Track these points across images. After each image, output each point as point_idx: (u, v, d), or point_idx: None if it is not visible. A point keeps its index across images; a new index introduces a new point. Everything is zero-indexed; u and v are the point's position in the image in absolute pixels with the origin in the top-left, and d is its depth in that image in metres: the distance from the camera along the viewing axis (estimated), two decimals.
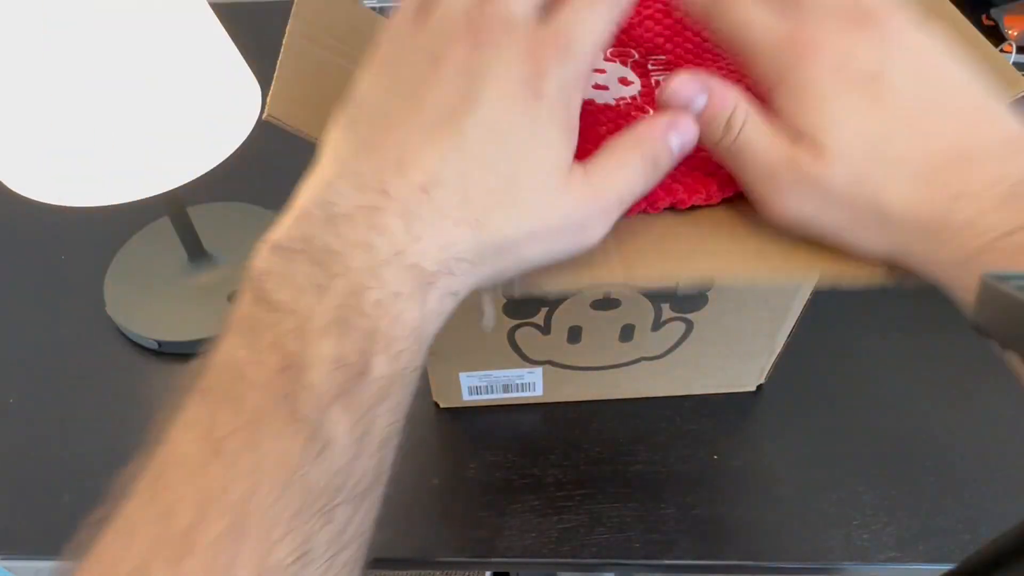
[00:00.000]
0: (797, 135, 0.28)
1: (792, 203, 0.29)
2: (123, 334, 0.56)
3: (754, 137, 0.29)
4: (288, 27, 0.37)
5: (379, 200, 0.25)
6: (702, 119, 0.29)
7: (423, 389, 0.50)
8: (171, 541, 0.22)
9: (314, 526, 0.22)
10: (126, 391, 0.53)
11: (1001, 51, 0.75)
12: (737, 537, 0.45)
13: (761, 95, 0.30)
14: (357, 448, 0.23)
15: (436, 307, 0.25)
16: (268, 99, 0.33)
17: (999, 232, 0.25)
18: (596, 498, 0.47)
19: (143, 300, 0.56)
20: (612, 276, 0.32)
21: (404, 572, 0.56)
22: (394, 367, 0.24)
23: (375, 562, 0.28)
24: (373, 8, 0.82)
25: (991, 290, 0.15)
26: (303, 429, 0.22)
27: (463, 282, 0.26)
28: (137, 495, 0.23)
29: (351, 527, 0.24)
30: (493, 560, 0.45)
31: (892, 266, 0.29)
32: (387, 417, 0.24)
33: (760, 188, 0.29)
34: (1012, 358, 0.27)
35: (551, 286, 0.32)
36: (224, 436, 0.22)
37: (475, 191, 0.26)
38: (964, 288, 0.27)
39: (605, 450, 0.49)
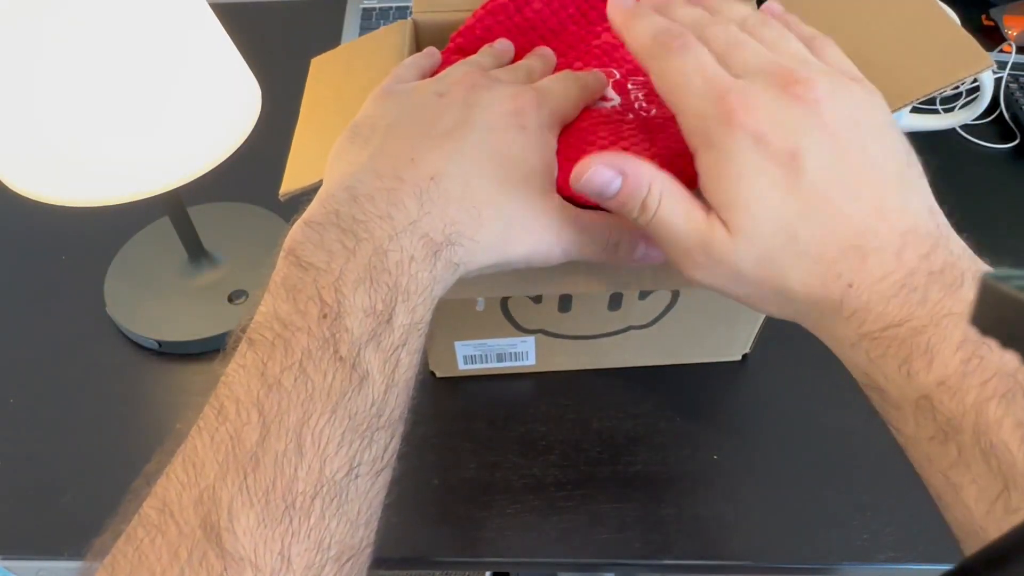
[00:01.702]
0: (713, 206, 0.30)
1: (704, 277, 0.31)
2: (123, 334, 0.56)
3: (669, 217, 0.30)
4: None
5: (395, 184, 0.30)
6: (618, 200, 0.31)
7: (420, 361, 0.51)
8: (239, 460, 0.25)
9: (360, 446, 0.26)
10: (126, 391, 0.53)
11: (1000, 51, 0.75)
12: (737, 537, 0.45)
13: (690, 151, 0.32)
14: (388, 381, 0.28)
15: (442, 273, 0.30)
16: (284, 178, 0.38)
17: (883, 324, 0.27)
18: (596, 498, 0.47)
19: (143, 300, 0.56)
20: (575, 285, 0.39)
21: (404, 572, 0.56)
22: (412, 318, 0.29)
23: (375, 562, 0.28)
24: (372, 8, 0.82)
25: (991, 290, 0.15)
26: (344, 365, 0.26)
27: (463, 256, 0.31)
28: (202, 428, 0.26)
29: (387, 452, 0.28)
30: (493, 560, 0.45)
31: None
32: (407, 360, 0.29)
33: (676, 261, 0.31)
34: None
35: (521, 292, 0.38)
36: (278, 373, 0.26)
37: (474, 188, 0.31)
38: (854, 366, 0.29)
39: (605, 450, 0.49)
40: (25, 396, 0.53)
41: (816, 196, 0.28)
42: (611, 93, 0.41)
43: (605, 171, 0.31)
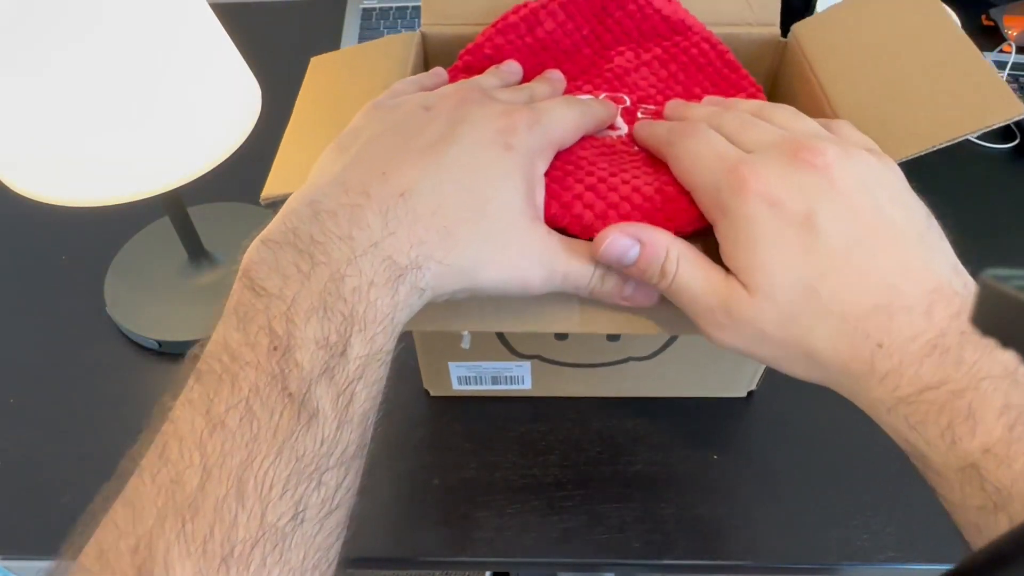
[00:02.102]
0: (733, 271, 0.30)
1: (727, 337, 0.31)
2: (123, 334, 0.56)
3: (688, 281, 0.31)
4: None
5: (361, 200, 0.28)
6: (638, 267, 0.31)
7: (415, 376, 0.50)
8: (179, 505, 0.24)
9: (306, 489, 0.25)
10: (126, 391, 0.53)
11: (1000, 51, 0.75)
12: (737, 537, 0.45)
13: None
14: (341, 419, 0.26)
15: (405, 299, 0.28)
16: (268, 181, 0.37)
17: (918, 387, 0.27)
18: (596, 498, 0.47)
19: (143, 300, 0.56)
20: (569, 324, 0.35)
21: (405, 572, 0.56)
22: (370, 349, 0.27)
23: (376, 562, 0.28)
24: (372, 8, 0.82)
25: (991, 290, 0.15)
26: (293, 403, 0.25)
27: (430, 280, 0.29)
28: (144, 469, 0.25)
29: (339, 492, 0.26)
30: (493, 560, 0.45)
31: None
32: (364, 392, 0.27)
33: (699, 323, 0.31)
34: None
35: (513, 327, 0.35)
36: (223, 412, 0.25)
37: (447, 206, 0.29)
38: (895, 433, 0.29)
39: (605, 450, 0.49)
40: (25, 396, 0.53)
41: (834, 256, 0.28)
42: (619, 122, 0.39)
43: (623, 240, 0.31)
